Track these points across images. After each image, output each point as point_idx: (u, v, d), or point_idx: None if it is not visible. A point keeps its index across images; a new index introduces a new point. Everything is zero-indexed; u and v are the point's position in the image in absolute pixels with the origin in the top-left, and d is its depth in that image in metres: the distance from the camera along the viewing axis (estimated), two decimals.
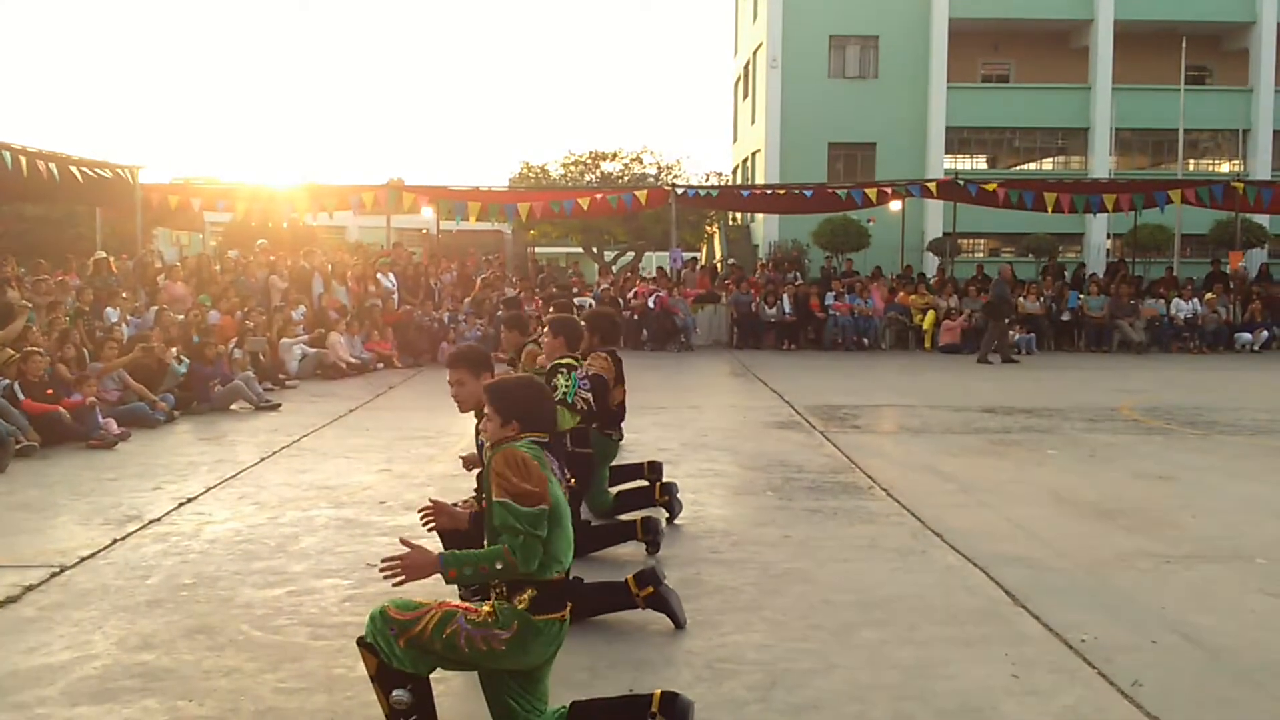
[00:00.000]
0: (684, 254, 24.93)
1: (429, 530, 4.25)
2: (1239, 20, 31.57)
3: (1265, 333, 20.98)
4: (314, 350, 15.22)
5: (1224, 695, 4.01)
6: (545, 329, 6.05)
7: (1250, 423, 10.98)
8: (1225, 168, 32.08)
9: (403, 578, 3.31)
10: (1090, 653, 4.37)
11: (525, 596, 3.33)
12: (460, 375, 4.36)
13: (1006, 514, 6.92)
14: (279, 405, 11.96)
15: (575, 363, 5.75)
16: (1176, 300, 21.20)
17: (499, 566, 3.26)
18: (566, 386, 5.49)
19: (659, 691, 3.49)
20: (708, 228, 35.19)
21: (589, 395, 5.70)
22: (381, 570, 3.37)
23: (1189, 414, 11.60)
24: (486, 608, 3.35)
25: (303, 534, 6.33)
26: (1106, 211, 22.51)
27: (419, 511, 4.12)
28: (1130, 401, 12.62)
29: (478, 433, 4.93)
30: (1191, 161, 32.27)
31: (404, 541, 3.41)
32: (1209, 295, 21.41)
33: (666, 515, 6.55)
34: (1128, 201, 21.66)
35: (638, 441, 9.12)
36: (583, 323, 6.38)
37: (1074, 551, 5.98)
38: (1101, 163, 31.45)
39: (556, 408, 3.99)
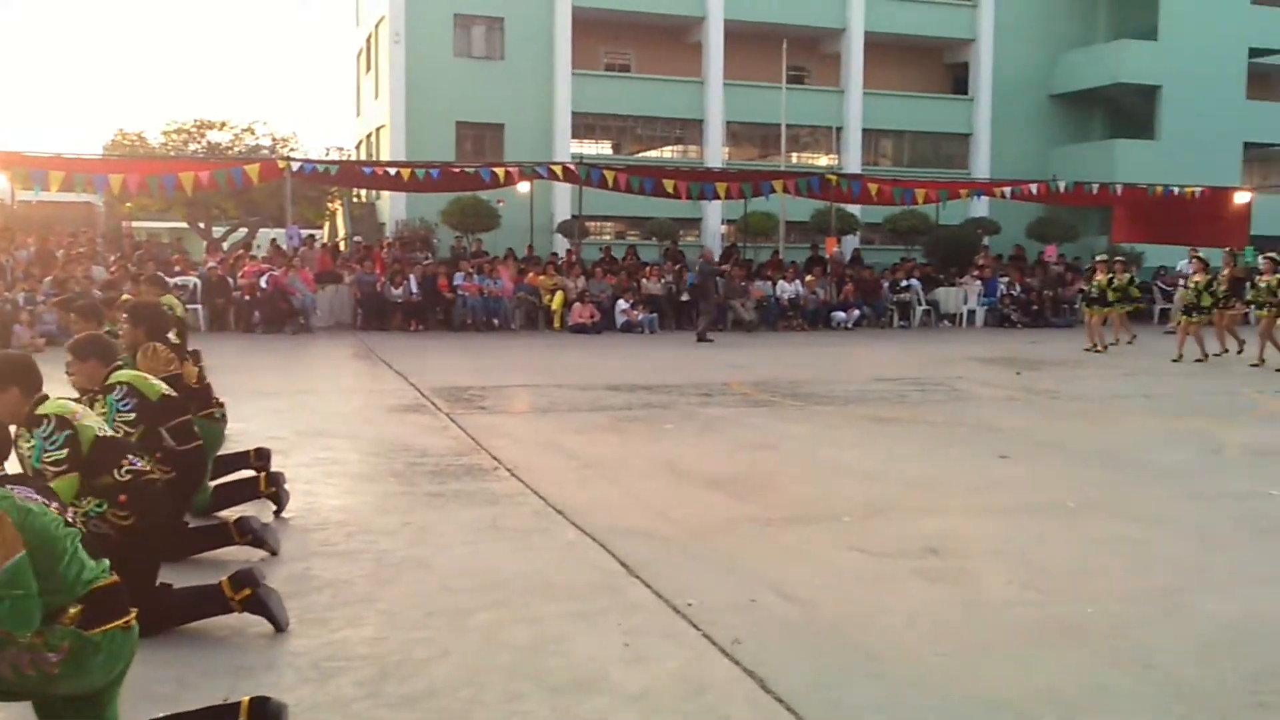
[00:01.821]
0: (302, 231, 23.94)
1: None
2: (832, 26, 34.54)
3: (857, 312, 23.19)
4: None
5: (812, 645, 4.32)
6: (124, 318, 5.51)
7: (842, 394, 12.05)
8: (823, 161, 35.05)
9: None
10: (696, 616, 4.57)
11: (72, 614, 2.93)
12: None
13: (626, 488, 7.15)
14: None
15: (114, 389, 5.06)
16: (781, 282, 22.95)
17: None
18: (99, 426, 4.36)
19: (248, 698, 3.27)
20: (330, 204, 34.05)
21: (131, 416, 5.07)
22: None
23: (790, 387, 12.56)
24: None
25: None
26: (719, 199, 23.95)
27: None
28: (740, 377, 13.49)
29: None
30: (794, 155, 34.96)
31: None
32: (809, 277, 23.34)
33: (274, 508, 6.21)
34: (737, 190, 23.17)
35: (245, 431, 8.60)
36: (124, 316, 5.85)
37: (686, 520, 6.26)
38: (715, 153, 33.42)
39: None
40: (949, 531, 6.08)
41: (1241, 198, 25.35)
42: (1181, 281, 21.35)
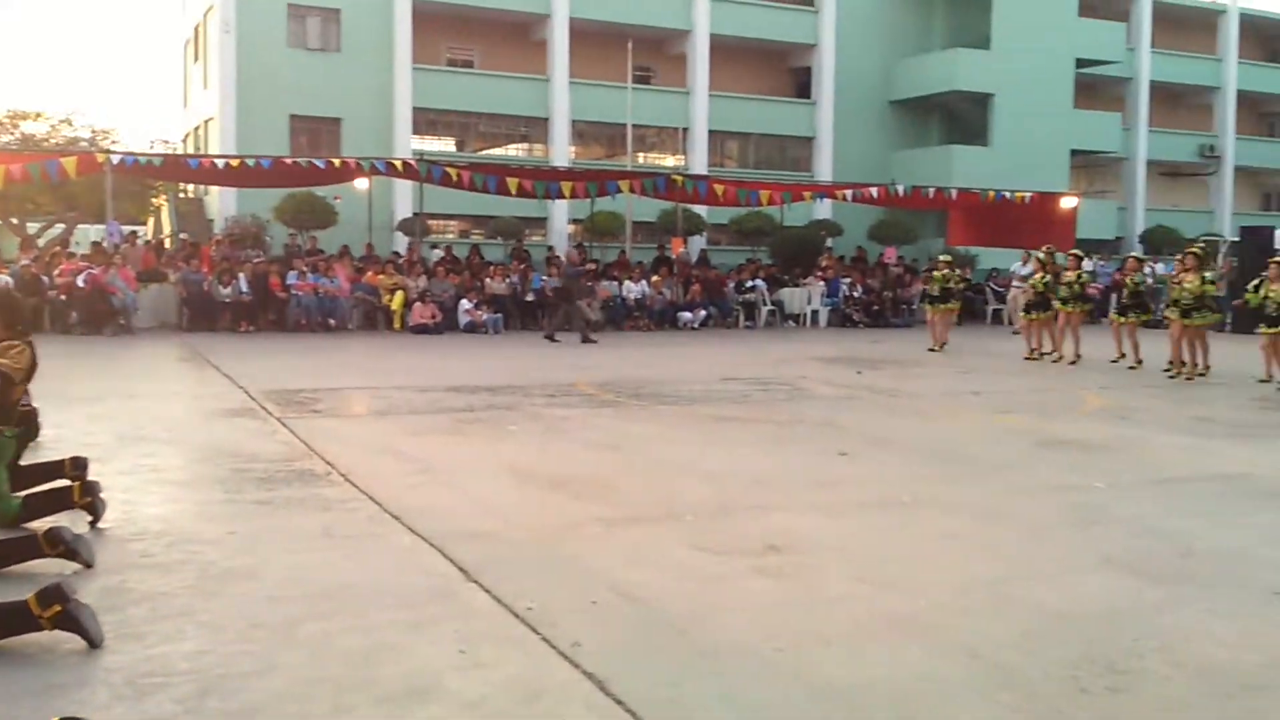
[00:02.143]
0: (124, 228, 22.93)
1: None
2: (677, 27, 34.94)
3: (703, 312, 23.52)
4: None
5: (653, 644, 4.34)
6: None
7: (687, 394, 12.19)
8: (670, 162, 35.40)
9: None
10: (535, 620, 4.54)
11: None
12: None
13: (466, 491, 7.06)
14: None
15: None
16: (628, 282, 23.08)
17: None
18: None
19: (57, 718, 3.10)
20: (154, 200, 32.69)
21: None
22: None
23: (636, 387, 12.64)
24: None
25: None
26: (564, 198, 23.95)
27: None
28: (586, 377, 13.51)
29: None
30: (641, 155, 35.23)
31: None
32: (655, 278, 23.55)
33: (89, 519, 5.90)
34: (583, 189, 23.21)
35: (61, 438, 8.18)
36: None
37: (528, 523, 6.22)
38: (561, 151, 33.41)
39: None
40: (790, 528, 6.21)
41: (1069, 202, 26.69)
42: (1016, 282, 22.39)
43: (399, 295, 21.02)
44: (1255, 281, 13.97)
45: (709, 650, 4.28)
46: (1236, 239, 27.94)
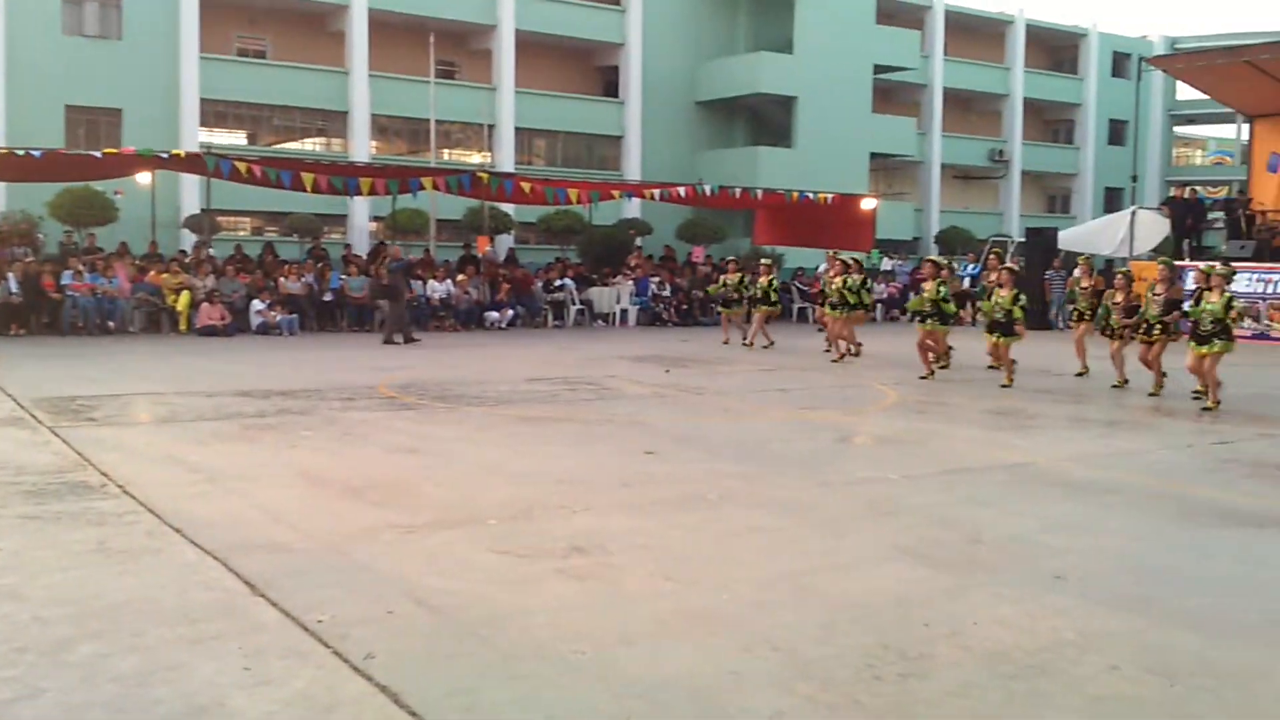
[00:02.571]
0: None
1: None
2: (482, 22, 34.65)
3: (511, 311, 23.41)
4: None
5: (451, 652, 4.28)
6: None
7: (493, 395, 12.09)
8: (476, 159, 35.09)
9: None
10: (326, 632, 4.40)
11: None
12: None
13: (255, 500, 6.80)
14: None
15: None
16: (432, 282, 22.75)
17: None
18: None
19: None
20: None
21: None
22: None
23: (440, 389, 12.46)
24: None
25: None
26: (362, 194, 23.40)
27: None
28: (387, 379, 13.23)
29: None
30: (446, 151, 34.78)
31: None
32: (461, 277, 23.29)
33: None
34: (383, 186, 22.69)
35: None
36: None
37: (321, 531, 6.04)
38: (361, 146, 32.64)
39: None
40: (595, 529, 6.22)
41: (868, 204, 27.74)
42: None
43: (185, 295, 20.13)
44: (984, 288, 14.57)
45: (509, 655, 4.24)
46: (1023, 239, 29.69)
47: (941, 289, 14.13)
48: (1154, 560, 5.92)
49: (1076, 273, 15.54)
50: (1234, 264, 15.75)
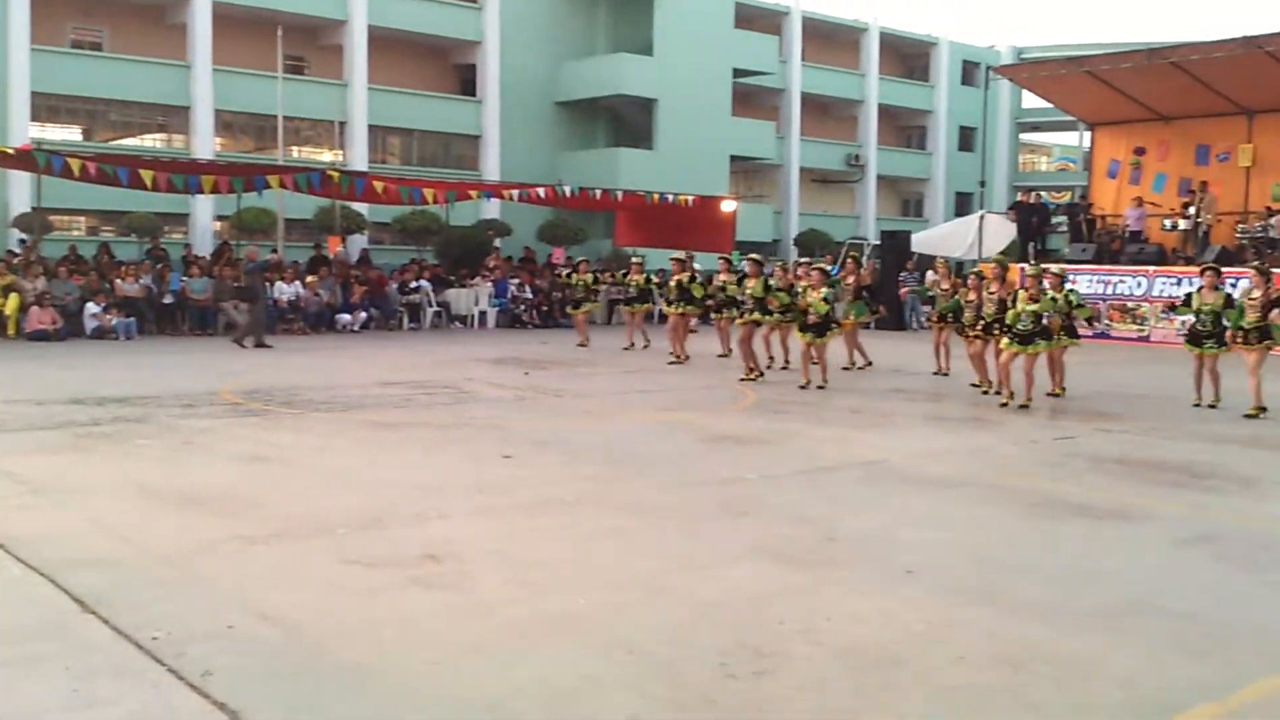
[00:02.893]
0: None
1: None
2: (333, 17, 33.94)
3: (364, 314, 22.97)
4: None
5: (294, 668, 4.16)
6: None
7: (344, 400, 11.83)
8: (328, 156, 34.34)
9: None
10: (161, 650, 4.22)
11: None
12: None
13: (87, 513, 6.51)
14: None
15: None
16: (280, 283, 22.16)
17: None
18: None
19: None
20: None
21: None
22: None
23: (288, 394, 12.13)
24: None
25: None
26: (205, 193, 22.68)
27: None
28: (231, 385, 12.83)
29: None
30: (296, 148, 33.95)
31: None
32: (312, 278, 22.76)
33: None
34: (226, 184, 22.02)
35: None
36: None
37: (157, 545, 5.81)
38: (205, 143, 31.60)
39: None
40: (449, 536, 6.14)
41: (728, 206, 28.12)
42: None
43: (13, 298, 19.19)
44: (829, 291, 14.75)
45: (355, 669, 4.14)
46: (879, 242, 30.52)
47: (770, 284, 14.39)
48: (1000, 552, 6.13)
49: (935, 275, 15.99)
50: (1074, 266, 16.46)
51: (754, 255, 16.36)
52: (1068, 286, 13.32)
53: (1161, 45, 24.63)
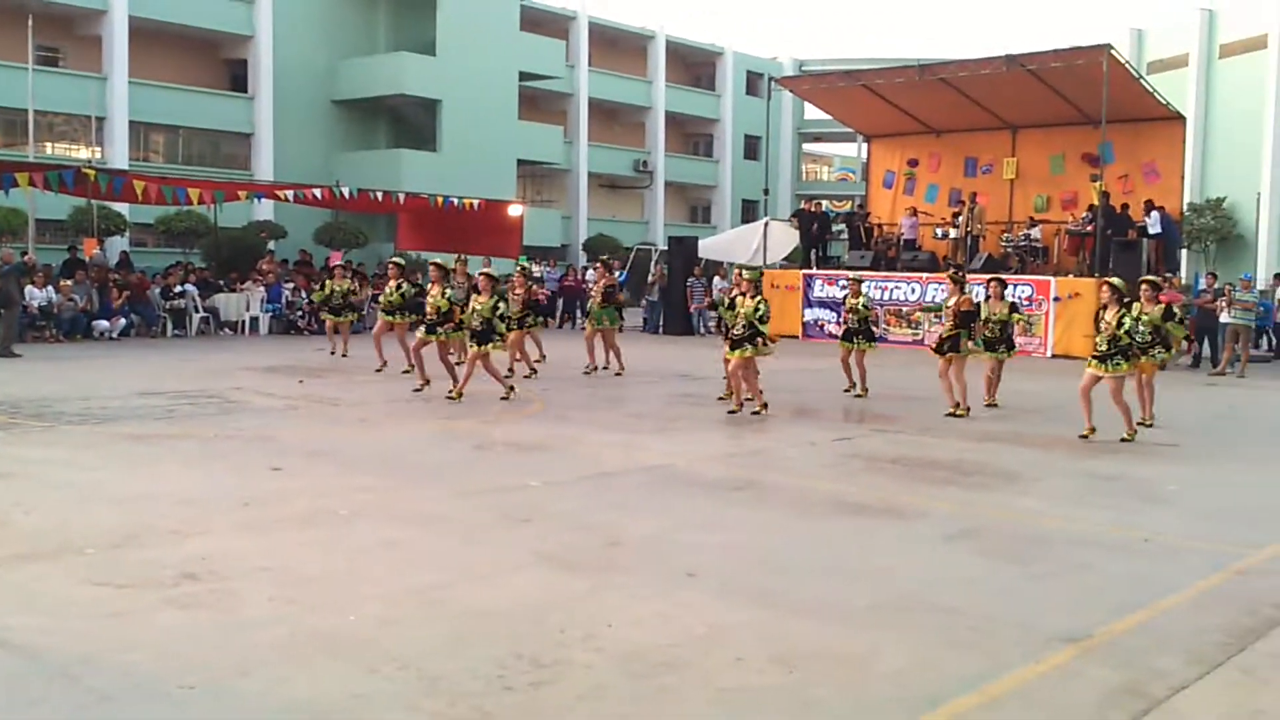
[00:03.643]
0: None
1: None
2: (90, 6, 32.17)
3: (124, 320, 21.80)
4: None
5: (37, 696, 3.91)
6: None
7: (99, 411, 11.18)
8: (84, 154, 32.49)
9: None
10: None
11: None
12: None
13: None
14: None
15: None
16: (31, 288, 20.79)
17: None
18: None
19: None
20: None
21: None
22: None
23: (37, 406, 11.39)
24: None
25: None
26: None
27: None
28: None
29: None
30: (48, 144, 32.06)
31: None
32: (65, 283, 21.45)
33: None
34: None
35: None
36: None
37: None
38: None
39: None
40: (211, 552, 5.87)
41: (515, 211, 28.01)
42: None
43: None
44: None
45: (104, 697, 3.92)
46: (666, 248, 31.03)
47: (498, 305, 13.73)
48: (778, 552, 6.30)
49: (725, 281, 16.34)
50: (860, 272, 17.17)
51: (523, 267, 16.26)
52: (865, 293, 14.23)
53: (932, 62, 25.93)
